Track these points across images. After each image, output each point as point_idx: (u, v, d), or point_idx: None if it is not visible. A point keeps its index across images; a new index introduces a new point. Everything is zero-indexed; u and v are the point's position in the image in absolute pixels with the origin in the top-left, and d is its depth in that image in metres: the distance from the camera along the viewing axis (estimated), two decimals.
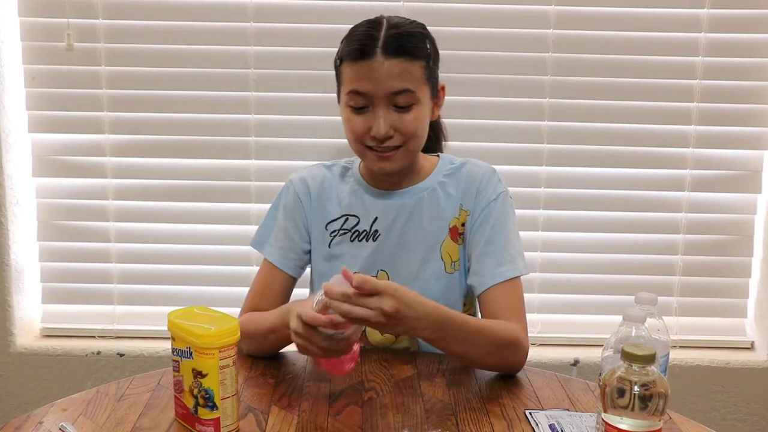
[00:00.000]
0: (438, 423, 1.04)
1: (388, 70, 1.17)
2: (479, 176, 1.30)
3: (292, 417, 1.05)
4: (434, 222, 1.30)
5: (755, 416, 1.92)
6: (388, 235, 1.30)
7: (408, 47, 1.19)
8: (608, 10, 1.79)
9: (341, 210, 1.32)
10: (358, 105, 1.21)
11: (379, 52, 1.17)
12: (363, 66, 1.18)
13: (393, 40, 1.18)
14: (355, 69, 1.19)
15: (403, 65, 1.18)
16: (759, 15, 1.79)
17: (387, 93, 1.18)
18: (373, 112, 1.20)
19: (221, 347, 0.95)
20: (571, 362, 1.89)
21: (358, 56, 1.19)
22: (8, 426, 1.02)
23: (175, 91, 1.83)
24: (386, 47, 1.18)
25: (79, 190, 1.88)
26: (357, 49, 1.19)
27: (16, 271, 1.87)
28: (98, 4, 1.77)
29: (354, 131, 1.22)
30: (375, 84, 1.18)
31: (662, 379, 0.82)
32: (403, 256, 1.30)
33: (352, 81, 1.20)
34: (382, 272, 1.30)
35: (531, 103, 1.83)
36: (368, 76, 1.18)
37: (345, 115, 1.24)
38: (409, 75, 1.19)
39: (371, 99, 1.19)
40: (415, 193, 1.31)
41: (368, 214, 1.31)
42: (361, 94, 1.20)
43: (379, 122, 1.19)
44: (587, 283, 1.92)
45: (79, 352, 1.89)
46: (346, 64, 1.21)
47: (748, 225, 1.90)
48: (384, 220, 1.30)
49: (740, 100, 1.83)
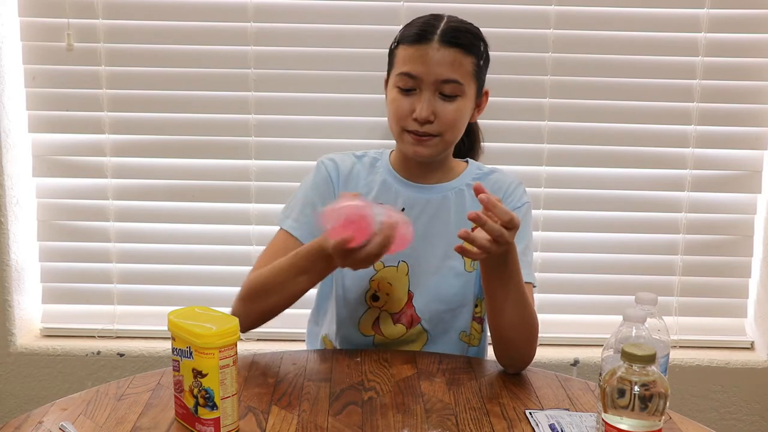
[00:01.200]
0: (438, 423, 1.04)
1: (442, 58, 1.22)
2: (507, 184, 1.35)
3: (292, 417, 1.05)
4: (459, 221, 1.32)
5: (755, 416, 1.92)
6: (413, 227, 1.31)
7: (464, 41, 1.24)
8: (608, 10, 1.79)
9: (369, 199, 1.33)
10: (407, 86, 1.25)
11: (436, 38, 1.23)
12: (419, 49, 1.23)
13: (451, 31, 1.24)
14: (410, 52, 1.24)
15: (456, 56, 1.23)
16: (759, 15, 1.79)
17: (436, 79, 1.23)
18: (419, 96, 1.24)
19: (221, 347, 0.95)
20: (571, 362, 1.89)
21: (416, 40, 1.24)
22: (8, 426, 1.02)
23: (175, 91, 1.83)
24: (444, 35, 1.23)
25: (79, 190, 1.88)
26: (416, 33, 1.24)
27: (16, 271, 1.87)
28: (98, 4, 1.77)
29: (398, 111, 1.26)
30: (427, 68, 1.22)
31: (662, 379, 0.82)
32: (425, 249, 1.32)
33: (406, 63, 1.25)
34: (403, 263, 1.32)
35: (531, 103, 1.83)
36: (422, 60, 1.23)
37: (391, 96, 1.28)
38: (460, 66, 1.23)
39: (420, 83, 1.24)
40: (443, 190, 1.34)
41: (395, 203, 1.34)
42: (411, 77, 1.24)
43: (423, 105, 1.23)
44: (587, 283, 1.92)
45: (79, 352, 1.89)
46: (402, 47, 1.26)
47: (748, 225, 1.90)
48: (410, 212, 1.33)
49: (740, 100, 1.83)
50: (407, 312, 1.33)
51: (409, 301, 1.33)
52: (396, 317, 1.33)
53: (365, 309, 1.34)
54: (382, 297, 1.32)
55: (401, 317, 1.33)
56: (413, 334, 1.34)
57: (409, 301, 1.33)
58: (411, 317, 1.33)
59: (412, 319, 1.33)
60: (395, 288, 1.32)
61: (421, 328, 1.34)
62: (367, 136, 1.82)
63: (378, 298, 1.33)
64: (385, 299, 1.32)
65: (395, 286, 1.32)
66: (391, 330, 1.34)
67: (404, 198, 1.34)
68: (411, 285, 1.32)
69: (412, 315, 1.33)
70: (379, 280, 1.32)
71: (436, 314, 1.33)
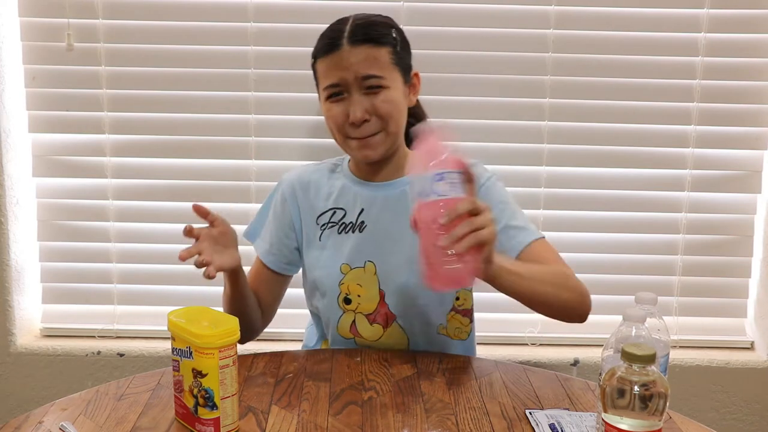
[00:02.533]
0: (438, 423, 1.04)
1: (355, 57, 1.23)
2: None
3: (292, 417, 1.05)
4: None
5: (755, 416, 1.92)
6: (375, 226, 1.33)
7: (373, 34, 1.25)
8: (608, 10, 1.79)
9: (329, 203, 1.36)
10: (334, 92, 1.26)
11: (345, 42, 1.24)
12: (333, 58, 1.25)
13: (358, 29, 1.25)
14: (326, 63, 1.26)
15: (368, 51, 1.24)
16: (759, 15, 1.79)
17: (356, 78, 1.24)
18: (348, 99, 1.26)
19: (221, 347, 0.95)
20: (571, 362, 1.89)
21: (328, 50, 1.26)
22: (8, 426, 1.02)
23: (175, 91, 1.83)
24: (351, 36, 1.24)
25: (79, 190, 1.88)
26: (326, 43, 1.27)
27: (17, 271, 1.87)
28: (98, 4, 1.77)
29: (335, 121, 1.28)
30: (344, 71, 1.24)
31: (662, 379, 0.82)
32: (390, 246, 1.31)
33: (326, 75, 1.27)
34: (370, 263, 1.32)
35: (531, 103, 1.83)
36: (338, 65, 1.24)
37: (325, 109, 1.30)
38: (375, 60, 1.24)
39: (345, 87, 1.25)
40: (400, 185, 1.33)
41: (354, 205, 1.34)
42: (335, 86, 1.25)
43: (355, 107, 1.25)
44: (587, 282, 1.90)
45: (80, 352, 1.89)
46: (319, 61, 1.28)
47: (748, 225, 1.90)
48: (369, 212, 1.33)
49: (740, 100, 1.83)
50: (381, 311, 1.33)
51: (381, 300, 1.32)
52: (371, 318, 1.33)
53: (341, 313, 1.34)
54: (354, 299, 1.32)
55: (376, 317, 1.33)
56: (393, 334, 1.33)
57: (382, 300, 1.32)
58: (386, 315, 1.33)
59: (387, 318, 1.33)
60: (365, 288, 1.32)
61: (398, 326, 1.33)
62: None
63: (350, 301, 1.33)
64: (358, 301, 1.32)
65: (365, 286, 1.32)
66: (368, 331, 1.33)
67: (363, 198, 1.34)
68: (381, 284, 1.32)
69: (387, 313, 1.33)
70: (348, 282, 1.32)
71: (409, 309, 1.32)
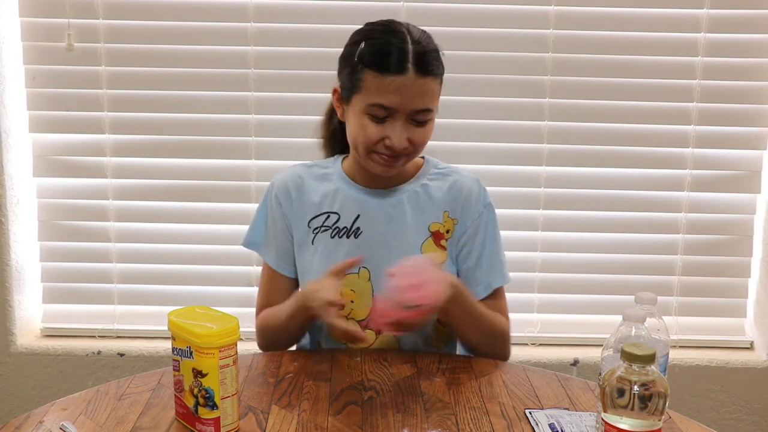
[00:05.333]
0: (438, 422, 1.04)
1: (419, 89, 1.18)
2: (467, 187, 1.33)
3: (292, 417, 1.05)
4: (416, 222, 1.31)
5: (755, 416, 1.92)
6: (370, 232, 1.31)
7: (434, 65, 1.20)
8: (608, 10, 1.79)
9: (322, 207, 1.34)
10: (380, 116, 1.19)
11: (411, 69, 1.17)
12: (395, 81, 1.17)
13: (422, 58, 1.18)
14: (385, 81, 1.17)
15: (430, 85, 1.19)
16: (759, 15, 1.79)
17: (411, 110, 1.19)
18: (390, 123, 1.20)
19: (221, 347, 0.95)
20: (571, 362, 1.89)
21: (391, 69, 1.17)
22: (8, 425, 1.02)
23: (175, 91, 1.83)
24: (418, 65, 1.17)
25: (79, 190, 1.88)
26: (389, 62, 1.17)
27: (17, 271, 1.87)
28: (98, 4, 1.77)
29: (368, 138, 1.21)
30: (403, 100, 1.18)
31: (662, 379, 0.82)
32: (385, 254, 1.30)
33: (380, 93, 1.18)
34: (364, 269, 1.31)
35: (531, 103, 1.83)
36: (398, 91, 1.17)
37: (360, 122, 1.22)
38: (432, 94, 1.21)
39: (393, 112, 1.19)
40: (398, 193, 1.32)
41: (350, 211, 1.32)
42: (385, 108, 1.19)
43: (401, 137, 1.20)
44: (587, 283, 1.92)
45: (80, 352, 1.89)
46: (372, 73, 1.18)
47: (748, 225, 1.90)
48: (366, 218, 1.32)
49: (740, 100, 1.83)
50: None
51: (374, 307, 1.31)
52: (363, 324, 1.31)
53: None
54: (347, 305, 1.30)
55: (369, 323, 1.32)
56: (384, 341, 1.32)
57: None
58: None
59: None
60: (359, 295, 1.30)
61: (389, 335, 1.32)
62: None
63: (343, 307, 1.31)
64: (351, 306, 1.30)
65: (359, 292, 1.30)
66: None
67: (360, 204, 1.32)
68: (375, 290, 1.30)
69: None
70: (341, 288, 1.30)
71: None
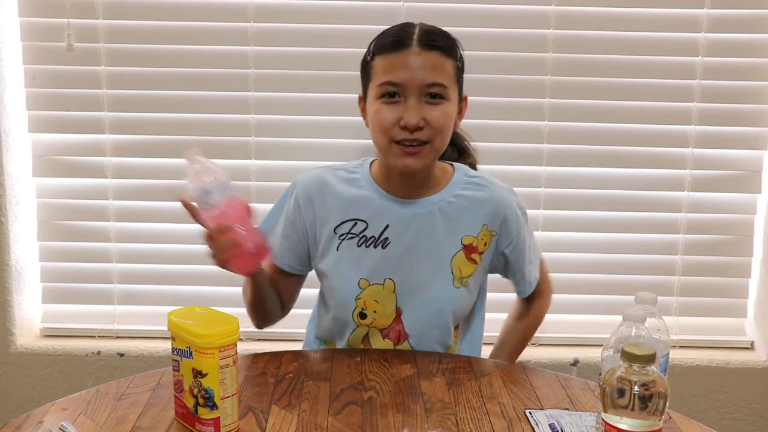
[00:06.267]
0: (438, 423, 1.04)
1: (424, 62, 1.18)
2: (506, 199, 1.32)
3: (292, 417, 1.05)
4: (448, 234, 1.29)
5: (755, 416, 1.92)
6: (398, 243, 1.29)
7: (442, 43, 1.20)
8: (608, 10, 1.79)
9: (349, 214, 1.30)
10: (390, 92, 1.19)
11: (415, 42, 1.18)
12: (399, 56, 1.18)
13: (428, 34, 1.20)
14: (390, 60, 1.19)
15: (437, 58, 1.19)
16: (759, 15, 1.79)
17: (421, 84, 1.18)
18: (404, 104, 1.19)
19: (221, 347, 0.95)
20: (571, 362, 1.89)
21: (393, 47, 1.19)
22: (8, 425, 1.02)
23: (175, 91, 1.83)
24: (422, 39, 1.19)
25: (79, 190, 1.88)
26: (392, 41, 1.19)
27: (17, 271, 1.87)
28: (98, 4, 1.77)
29: (383, 123, 1.20)
30: (410, 73, 1.17)
31: (662, 379, 0.82)
32: (412, 266, 1.29)
33: (386, 72, 1.19)
34: (389, 280, 1.29)
35: (531, 103, 1.83)
36: (404, 65, 1.18)
37: (374, 108, 1.21)
38: (442, 69, 1.20)
39: (404, 90, 1.18)
40: (429, 204, 1.29)
41: (379, 220, 1.29)
42: (394, 85, 1.18)
43: (411, 112, 1.17)
44: (587, 283, 1.92)
45: (80, 352, 1.89)
46: (379, 57, 1.21)
47: (748, 225, 1.90)
48: (395, 229, 1.29)
49: (740, 100, 1.83)
50: (396, 328, 1.31)
51: (397, 317, 1.30)
52: (384, 332, 1.31)
53: (354, 327, 1.32)
54: (369, 314, 1.30)
55: (390, 332, 1.31)
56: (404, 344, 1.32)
57: (398, 317, 1.30)
58: (399, 333, 1.31)
59: (399, 335, 1.31)
60: (382, 305, 1.29)
61: (408, 345, 1.32)
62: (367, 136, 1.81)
63: (366, 316, 1.30)
64: (373, 316, 1.30)
65: (382, 303, 1.29)
66: (379, 344, 1.32)
67: (389, 214, 1.29)
68: (399, 301, 1.29)
69: (400, 331, 1.31)
70: (365, 298, 1.29)
71: (424, 330, 1.31)
